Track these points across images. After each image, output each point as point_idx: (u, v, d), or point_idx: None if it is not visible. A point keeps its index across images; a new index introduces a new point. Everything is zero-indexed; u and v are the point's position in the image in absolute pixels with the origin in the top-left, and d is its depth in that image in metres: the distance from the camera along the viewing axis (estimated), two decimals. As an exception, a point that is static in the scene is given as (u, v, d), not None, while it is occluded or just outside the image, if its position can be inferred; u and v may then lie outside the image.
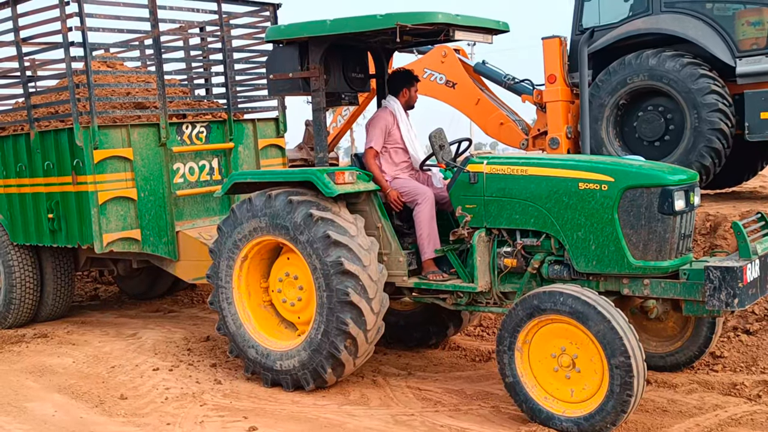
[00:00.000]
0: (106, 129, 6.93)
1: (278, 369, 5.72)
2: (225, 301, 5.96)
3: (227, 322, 5.97)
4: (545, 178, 5.17)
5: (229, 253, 5.89)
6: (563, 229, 5.08)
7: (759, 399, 5.17)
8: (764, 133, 7.55)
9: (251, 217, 5.73)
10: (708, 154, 7.60)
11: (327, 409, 5.34)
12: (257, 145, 8.14)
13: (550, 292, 4.62)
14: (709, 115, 7.57)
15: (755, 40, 7.69)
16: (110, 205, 6.93)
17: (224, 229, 5.91)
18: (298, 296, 5.79)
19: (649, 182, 4.79)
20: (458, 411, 5.22)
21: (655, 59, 7.89)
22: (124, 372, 6.27)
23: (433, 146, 5.57)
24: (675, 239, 4.83)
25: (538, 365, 4.76)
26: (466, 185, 5.48)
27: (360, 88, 6.47)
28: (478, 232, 5.42)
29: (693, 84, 7.67)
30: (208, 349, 6.83)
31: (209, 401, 5.54)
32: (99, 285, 10.22)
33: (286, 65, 5.79)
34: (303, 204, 5.52)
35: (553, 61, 8.74)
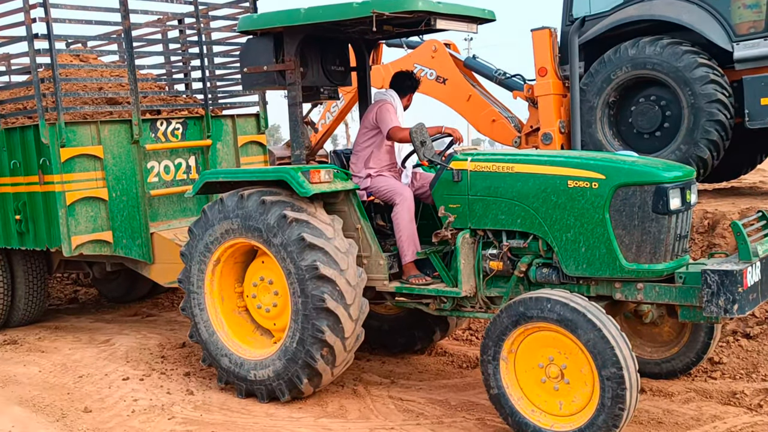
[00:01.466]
0: (75, 126, 6.58)
1: (252, 379, 5.40)
2: (197, 308, 5.64)
3: (199, 330, 5.64)
4: (532, 176, 4.84)
5: (200, 257, 5.57)
6: (551, 230, 4.75)
7: (760, 409, 4.89)
8: (765, 119, 7.17)
9: (223, 219, 5.41)
10: (706, 146, 7.26)
11: (302, 422, 5.03)
12: (237, 142, 7.80)
13: (537, 298, 4.29)
14: (707, 106, 7.20)
15: (753, 24, 7.32)
16: (79, 205, 6.57)
17: (195, 232, 5.59)
18: (273, 302, 5.46)
19: (643, 180, 4.46)
20: (441, 424, 4.92)
21: (634, 49, 7.59)
22: (91, 382, 5.94)
23: (414, 142, 5.23)
24: (670, 240, 4.51)
25: (524, 376, 4.43)
26: (449, 183, 5.16)
27: (340, 82, 6.14)
28: (462, 234, 5.09)
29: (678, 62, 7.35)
30: (183, 357, 6.50)
31: (178, 414, 5.24)
32: (79, 288, 9.86)
33: (261, 58, 5.47)
34: (276, 204, 5.19)
35: (544, 54, 8.37)
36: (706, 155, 7.28)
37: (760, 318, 5.78)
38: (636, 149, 7.56)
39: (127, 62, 6.83)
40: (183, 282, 5.71)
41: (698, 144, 7.26)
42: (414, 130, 5.23)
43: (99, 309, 8.83)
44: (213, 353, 5.58)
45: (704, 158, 7.29)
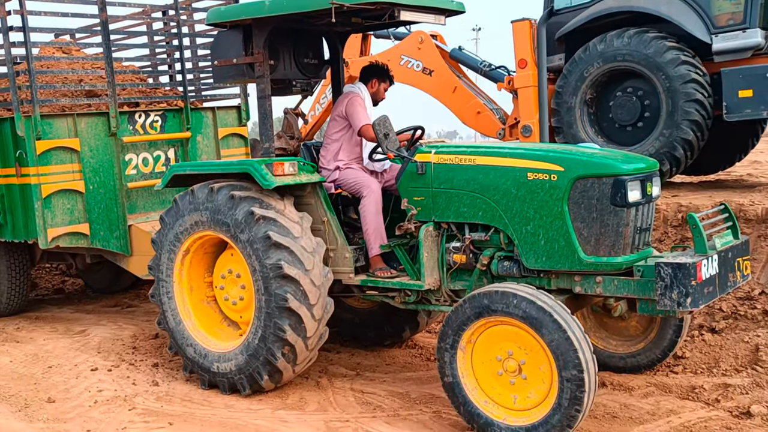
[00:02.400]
0: (51, 118, 6.58)
1: (215, 371, 5.39)
2: (165, 296, 5.63)
3: (167, 318, 5.64)
4: (493, 168, 4.78)
5: (170, 246, 5.55)
6: (512, 223, 4.69)
7: (717, 404, 4.84)
8: (743, 112, 7.11)
9: (193, 210, 5.39)
10: (680, 145, 7.17)
11: (260, 414, 5.02)
12: (218, 134, 7.79)
13: (504, 292, 4.21)
14: (683, 87, 7.13)
15: (731, 15, 7.22)
16: (55, 198, 6.57)
17: (166, 220, 5.57)
18: (240, 295, 5.45)
19: (601, 171, 4.38)
20: (397, 416, 4.91)
21: (602, 44, 7.54)
22: (60, 372, 5.95)
23: (378, 134, 5.18)
24: (630, 233, 4.43)
25: (481, 367, 4.38)
26: (414, 176, 5.11)
27: (314, 75, 6.10)
28: (426, 226, 5.04)
29: (647, 49, 7.29)
30: (154, 348, 6.52)
31: (140, 405, 5.26)
32: (67, 278, 9.88)
33: (231, 50, 5.44)
34: (245, 200, 5.15)
35: (524, 45, 8.31)
36: (689, 136, 7.18)
37: (727, 312, 5.71)
38: (620, 143, 7.50)
39: (104, 54, 6.83)
40: (153, 269, 5.70)
41: (680, 126, 7.16)
42: (377, 123, 5.17)
43: (82, 300, 8.86)
44: (179, 342, 5.59)
45: (688, 140, 7.19)
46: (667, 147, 7.23)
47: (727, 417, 4.64)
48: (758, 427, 4.47)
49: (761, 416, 4.54)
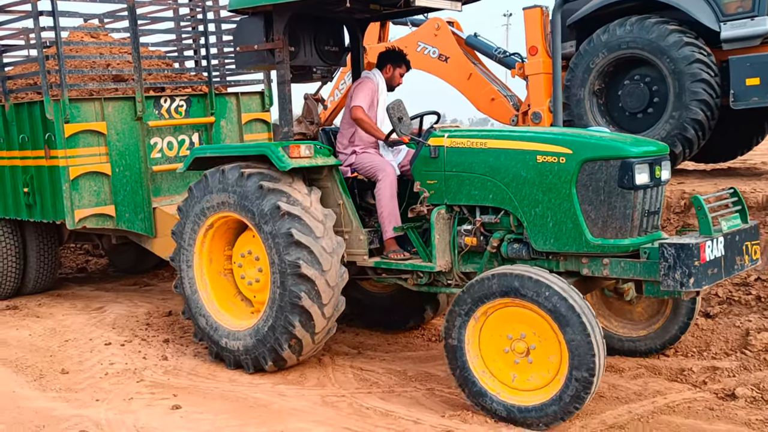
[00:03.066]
0: (79, 102, 6.80)
1: (223, 345, 5.60)
2: (185, 263, 5.79)
3: (184, 284, 5.82)
4: (504, 151, 4.84)
5: (195, 218, 5.70)
6: (521, 205, 4.76)
7: (704, 386, 4.91)
8: (750, 100, 7.12)
9: (221, 191, 5.50)
10: (691, 126, 7.18)
11: (260, 388, 5.23)
12: (241, 119, 7.97)
13: (537, 281, 4.18)
14: (687, 68, 7.16)
15: (740, 3, 7.21)
16: (83, 180, 6.79)
17: (195, 193, 5.70)
18: (257, 277, 5.60)
19: (609, 154, 4.43)
20: (392, 393, 5.07)
21: (605, 34, 7.62)
22: (75, 346, 6.23)
23: (392, 119, 5.26)
24: (637, 216, 4.47)
25: (489, 339, 4.44)
26: (427, 160, 5.19)
27: (334, 62, 6.20)
28: (438, 209, 5.14)
29: (649, 34, 7.33)
30: (167, 325, 6.77)
31: (147, 378, 5.49)
32: (90, 258, 10.26)
33: (252, 37, 5.56)
34: (273, 193, 5.25)
35: (535, 33, 8.42)
36: (699, 116, 7.19)
37: (722, 297, 5.77)
38: (632, 130, 7.56)
39: (131, 39, 7.03)
40: (176, 234, 5.86)
41: (689, 107, 7.19)
42: (391, 106, 5.27)
43: (103, 278, 9.20)
44: (192, 310, 5.78)
45: (699, 120, 7.20)
46: (678, 129, 7.24)
47: (711, 398, 4.72)
48: (741, 408, 4.55)
49: (745, 398, 4.63)
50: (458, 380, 4.50)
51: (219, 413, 4.82)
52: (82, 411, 4.91)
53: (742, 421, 4.39)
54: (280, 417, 4.72)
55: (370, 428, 4.50)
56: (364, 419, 4.64)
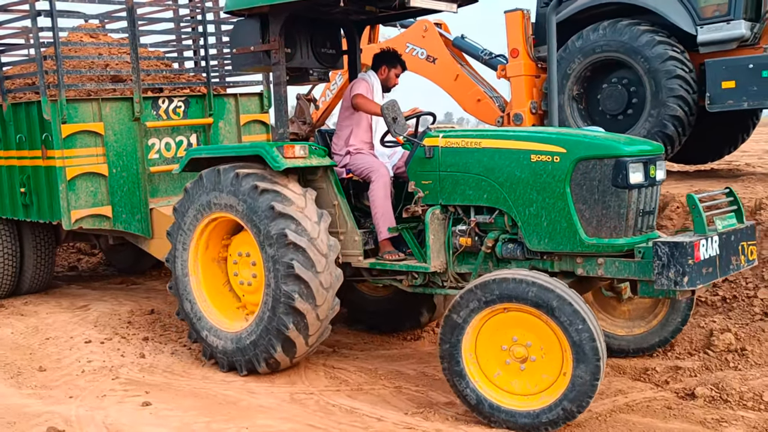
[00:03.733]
0: (76, 103, 6.82)
1: (204, 338, 5.68)
2: (181, 244, 5.79)
3: (176, 264, 5.83)
4: (498, 151, 4.84)
5: (190, 219, 5.70)
6: (515, 205, 4.76)
7: (666, 385, 4.99)
8: (725, 103, 7.31)
9: (216, 191, 5.50)
10: (670, 122, 7.37)
11: (231, 385, 5.35)
12: (239, 120, 7.99)
13: (562, 297, 4.07)
14: (662, 65, 7.41)
15: (717, 7, 7.44)
16: (79, 180, 6.80)
17: (190, 194, 5.71)
18: (249, 280, 5.64)
19: (603, 153, 4.43)
20: (359, 391, 5.17)
21: (579, 40, 7.89)
22: (56, 344, 6.33)
23: (386, 119, 5.27)
24: (632, 215, 4.46)
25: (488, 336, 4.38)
26: (422, 160, 5.20)
27: (330, 64, 6.21)
28: (432, 210, 5.14)
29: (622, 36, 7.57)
30: (148, 323, 6.88)
31: (123, 375, 5.60)
32: (82, 256, 10.33)
33: (249, 38, 5.59)
34: (267, 193, 5.25)
35: (516, 35, 8.62)
36: (677, 112, 7.38)
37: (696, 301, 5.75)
38: (615, 131, 7.64)
39: (130, 40, 7.07)
40: (171, 236, 5.87)
41: (666, 104, 7.37)
42: (386, 107, 5.27)
43: (92, 277, 9.29)
44: (180, 292, 5.84)
45: (677, 115, 7.39)
46: (657, 126, 7.42)
47: (671, 398, 4.80)
48: (699, 407, 4.61)
49: (704, 398, 4.69)
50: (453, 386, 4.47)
51: (188, 410, 4.91)
52: (54, 407, 4.99)
53: (698, 420, 4.46)
54: (248, 414, 4.83)
55: (334, 425, 4.59)
56: (329, 416, 4.74)
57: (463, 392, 4.43)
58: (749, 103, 7.32)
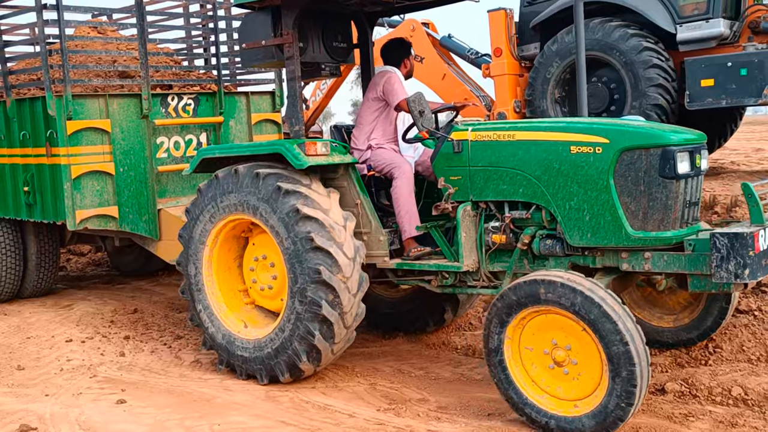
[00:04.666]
0: (82, 99, 6.63)
1: (219, 344, 5.51)
2: (194, 248, 5.56)
3: (188, 268, 5.60)
4: (534, 143, 4.67)
5: (205, 221, 5.49)
6: (554, 199, 4.58)
7: None
8: (704, 101, 7.44)
9: (234, 192, 5.28)
10: (653, 111, 7.51)
11: (208, 383, 5.40)
12: (251, 119, 7.81)
13: (608, 316, 3.87)
14: (638, 57, 7.62)
15: (696, 6, 7.62)
16: (85, 179, 6.60)
17: (205, 194, 5.49)
18: (270, 284, 5.44)
19: (649, 142, 4.26)
20: (334, 388, 5.21)
21: (555, 44, 8.12)
22: (36, 343, 6.37)
23: (412, 112, 5.12)
24: (679, 207, 4.30)
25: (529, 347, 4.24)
26: (450, 155, 5.02)
27: (342, 59, 6.03)
28: (463, 206, 4.96)
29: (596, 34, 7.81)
30: (131, 322, 6.93)
31: (101, 373, 5.64)
32: (71, 256, 10.24)
33: (259, 32, 5.42)
34: (291, 195, 5.04)
35: (499, 34, 8.77)
36: (659, 101, 7.58)
37: None
38: None
39: (138, 35, 6.89)
40: (183, 238, 5.66)
41: (647, 94, 7.57)
42: (412, 99, 5.11)
43: (79, 277, 9.27)
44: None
45: (659, 104, 7.59)
46: (645, 105, 7.59)
47: None
48: (668, 402, 4.66)
49: (673, 393, 4.75)
50: (500, 389, 4.31)
51: (163, 407, 4.95)
52: (29, 405, 5.04)
53: (666, 414, 4.48)
54: (222, 411, 4.89)
55: (306, 421, 4.65)
56: (302, 413, 4.79)
57: (507, 395, 4.28)
58: (728, 101, 7.43)
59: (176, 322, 7.09)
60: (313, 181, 5.17)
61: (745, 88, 7.32)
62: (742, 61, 7.33)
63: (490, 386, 5.07)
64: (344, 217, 5.12)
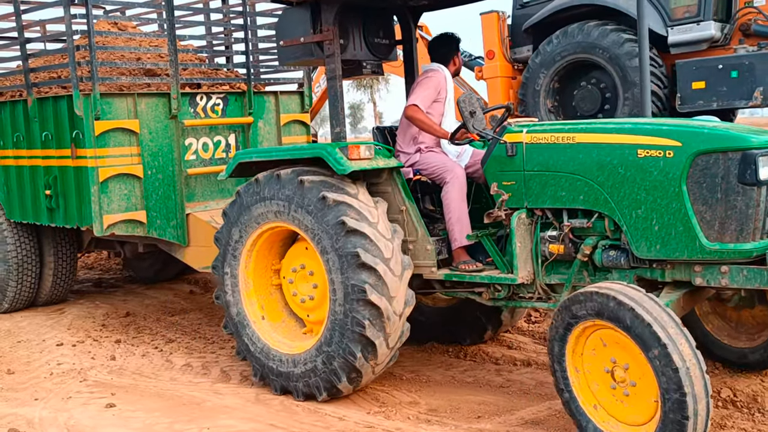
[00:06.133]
0: (110, 98, 6.47)
1: (253, 355, 5.34)
2: (231, 253, 5.37)
3: (224, 273, 5.42)
4: (597, 146, 4.46)
5: (243, 226, 5.29)
6: (619, 207, 4.36)
7: None
8: (696, 103, 7.58)
9: (275, 198, 5.07)
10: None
11: (199, 386, 5.50)
12: (279, 120, 7.64)
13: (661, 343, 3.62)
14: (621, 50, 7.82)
15: (687, 8, 7.76)
16: (112, 182, 6.43)
17: (244, 198, 5.27)
18: (310, 294, 5.24)
19: (727, 145, 4.03)
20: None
21: (537, 57, 8.32)
22: (27, 347, 6.49)
23: (463, 113, 4.92)
24: (760, 216, 4.05)
25: (590, 362, 4.05)
26: (502, 159, 4.83)
27: (384, 56, 5.89)
28: (518, 214, 4.76)
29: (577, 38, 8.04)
30: (122, 326, 7.06)
31: (91, 377, 5.74)
32: None
33: (297, 29, 5.27)
34: (337, 206, 4.83)
35: (492, 37, 8.92)
36: (651, 88, 7.65)
37: None
38: None
39: (167, 31, 6.71)
40: (219, 241, 5.48)
41: (636, 83, 7.63)
42: (462, 100, 4.94)
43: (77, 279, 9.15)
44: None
45: (652, 91, 7.70)
46: (636, 108, 7.70)
47: None
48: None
49: None
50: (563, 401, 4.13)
51: (152, 411, 5.04)
52: (18, 410, 5.12)
53: None
54: (211, 414, 4.97)
55: (296, 425, 4.72)
56: (292, 416, 4.87)
57: (569, 409, 4.09)
58: (719, 104, 7.58)
59: (168, 326, 7.15)
60: (360, 190, 4.97)
61: (736, 90, 7.45)
62: (732, 63, 7.48)
63: (481, 388, 5.27)
64: (392, 231, 4.93)
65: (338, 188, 4.89)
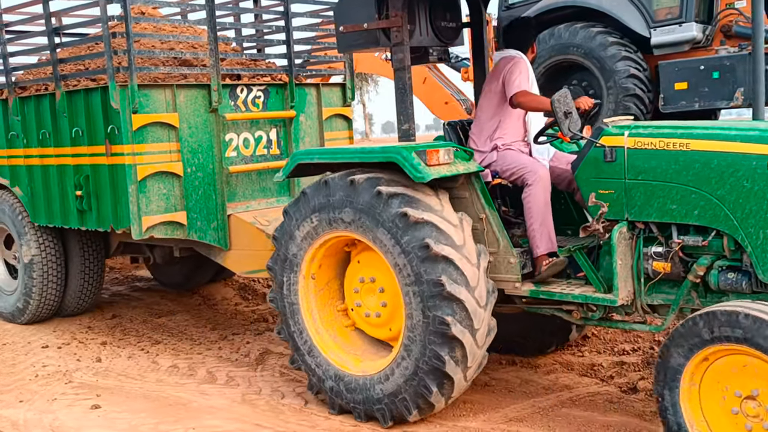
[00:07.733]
0: (148, 89, 6.00)
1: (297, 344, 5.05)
2: (291, 256, 4.98)
3: (282, 277, 5.04)
4: (716, 155, 4.08)
5: (306, 230, 4.89)
6: (743, 225, 3.99)
7: (611, 380, 5.25)
8: (678, 104, 7.74)
9: (346, 206, 4.67)
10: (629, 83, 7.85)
11: (185, 388, 5.54)
12: (321, 114, 7.19)
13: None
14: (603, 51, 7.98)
15: (669, 10, 7.87)
16: (151, 181, 5.98)
17: (310, 200, 4.87)
18: (377, 311, 4.90)
19: None
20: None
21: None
22: (12, 349, 6.54)
23: (557, 113, 4.48)
24: None
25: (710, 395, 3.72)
26: (599, 164, 4.45)
27: (450, 41, 5.50)
28: (619, 227, 4.37)
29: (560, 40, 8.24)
30: (109, 328, 7.10)
31: (77, 379, 5.78)
32: None
33: (360, 14, 4.88)
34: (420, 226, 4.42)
35: None
36: (635, 90, 7.95)
37: None
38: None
39: (208, 19, 6.23)
40: (278, 240, 5.08)
41: (621, 85, 7.92)
42: (557, 99, 4.51)
43: None
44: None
45: (635, 93, 7.96)
46: (621, 108, 7.91)
47: (615, 392, 5.08)
48: (640, 401, 4.87)
49: (645, 391, 4.95)
50: None
51: (138, 412, 5.09)
52: (2, 411, 5.19)
53: (637, 412, 4.69)
54: (197, 415, 5.02)
55: (282, 424, 4.79)
56: (278, 415, 4.94)
57: None
58: (701, 104, 7.73)
59: (155, 328, 7.15)
60: (444, 206, 4.58)
61: (718, 91, 7.60)
62: (714, 64, 7.64)
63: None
64: (478, 254, 4.55)
65: (422, 205, 4.49)
